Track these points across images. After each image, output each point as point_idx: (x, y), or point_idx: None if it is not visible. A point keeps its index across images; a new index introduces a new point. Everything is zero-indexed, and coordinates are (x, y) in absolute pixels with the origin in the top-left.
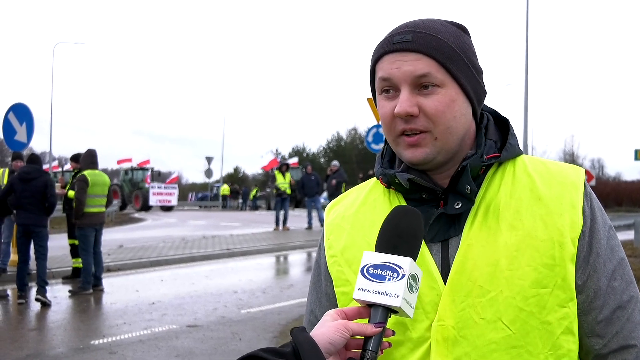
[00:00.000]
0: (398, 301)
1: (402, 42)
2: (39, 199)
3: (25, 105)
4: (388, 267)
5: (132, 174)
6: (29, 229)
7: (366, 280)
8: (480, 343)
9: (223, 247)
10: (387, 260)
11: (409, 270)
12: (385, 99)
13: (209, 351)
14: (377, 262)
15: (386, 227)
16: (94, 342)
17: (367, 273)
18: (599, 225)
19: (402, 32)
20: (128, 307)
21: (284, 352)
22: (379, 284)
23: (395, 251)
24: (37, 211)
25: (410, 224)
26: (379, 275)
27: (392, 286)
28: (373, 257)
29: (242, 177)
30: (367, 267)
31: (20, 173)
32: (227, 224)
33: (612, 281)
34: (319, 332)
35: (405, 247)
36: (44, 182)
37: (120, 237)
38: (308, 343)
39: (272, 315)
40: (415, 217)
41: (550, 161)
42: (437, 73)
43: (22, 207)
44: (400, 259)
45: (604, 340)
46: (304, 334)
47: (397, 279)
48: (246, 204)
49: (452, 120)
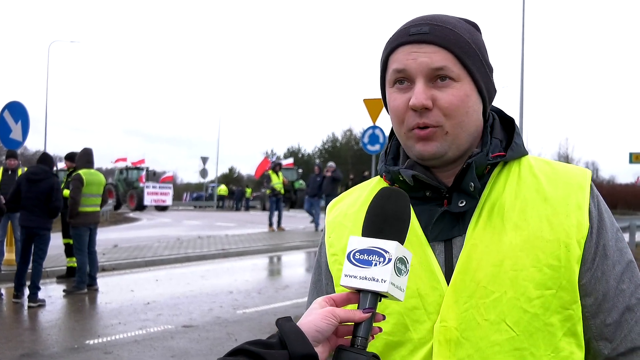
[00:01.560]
0: (385, 286)
1: (420, 33)
2: (43, 201)
3: (21, 103)
4: (374, 252)
5: (127, 173)
6: (32, 232)
7: (352, 266)
8: (484, 345)
9: (218, 247)
10: (372, 244)
11: (395, 253)
12: (398, 91)
13: (204, 351)
14: (363, 247)
15: (371, 211)
16: (88, 342)
17: (353, 259)
18: (606, 226)
19: (419, 24)
20: (123, 307)
21: (270, 343)
22: (365, 269)
23: (381, 235)
24: (40, 213)
25: (396, 206)
26: (366, 260)
27: (378, 271)
28: (359, 242)
29: (237, 177)
30: (353, 253)
31: (28, 173)
32: (222, 224)
33: (621, 284)
34: (305, 321)
35: (391, 231)
36: (51, 184)
37: (115, 236)
38: (294, 332)
39: (268, 316)
40: (400, 199)
41: (556, 162)
42: (453, 67)
43: (26, 208)
44: (386, 243)
45: (612, 344)
46: (289, 323)
47: (384, 263)
48: (240, 204)
49: (465, 115)
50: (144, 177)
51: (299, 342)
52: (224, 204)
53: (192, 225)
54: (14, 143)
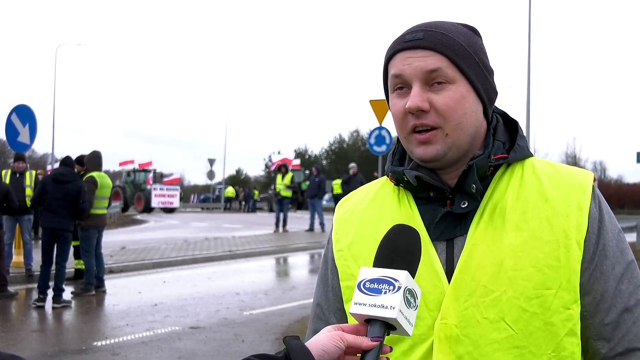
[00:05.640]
0: (394, 313)
1: (414, 40)
2: (70, 203)
3: (28, 106)
4: (384, 281)
5: (134, 175)
6: (57, 233)
7: (362, 294)
8: (483, 342)
9: (225, 248)
10: (383, 274)
11: (405, 283)
12: (397, 97)
13: (212, 353)
14: (373, 277)
15: (383, 243)
16: (96, 343)
17: (363, 288)
18: (607, 227)
19: (414, 31)
20: (130, 309)
21: (276, 358)
22: (375, 297)
23: (392, 266)
24: (66, 214)
25: (407, 241)
26: (375, 289)
27: (387, 299)
28: (369, 272)
29: (244, 178)
30: (363, 282)
31: (55, 174)
32: (229, 226)
33: (620, 284)
34: (313, 341)
35: (402, 262)
36: (79, 186)
37: (122, 238)
38: (300, 349)
39: (275, 317)
40: (412, 235)
41: (559, 164)
42: (447, 69)
43: (51, 209)
44: (396, 272)
45: (610, 344)
46: (296, 341)
47: (393, 291)
48: (248, 206)
49: (463, 116)
50: (152, 179)
51: (304, 359)
52: (231, 206)
53: (199, 227)
54: (22, 146)
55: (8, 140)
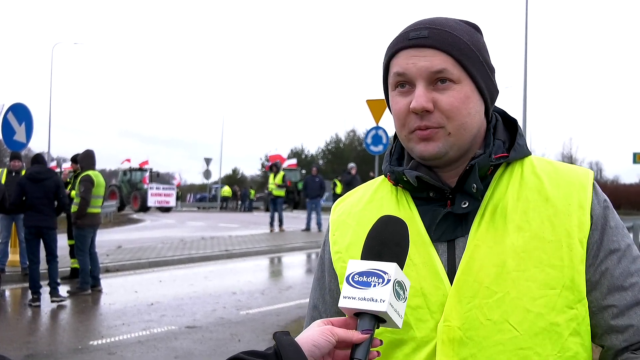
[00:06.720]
0: (384, 306)
1: (419, 37)
2: (50, 199)
3: (25, 105)
4: (373, 274)
5: (130, 174)
6: (41, 231)
7: (351, 287)
8: (487, 344)
9: (222, 248)
10: (371, 267)
11: (394, 275)
12: (400, 95)
13: (208, 352)
14: (362, 270)
15: (370, 236)
16: (92, 342)
17: (352, 281)
18: (610, 223)
19: (418, 29)
20: (127, 308)
21: (266, 354)
22: (364, 291)
23: (380, 258)
24: (49, 212)
25: (394, 232)
26: (364, 282)
27: (377, 291)
28: (358, 265)
29: (240, 178)
30: (352, 275)
31: (30, 173)
32: (225, 225)
33: (629, 278)
34: (303, 336)
35: (390, 255)
36: (56, 182)
37: (118, 237)
38: (290, 345)
39: (271, 317)
40: (399, 225)
41: (558, 162)
42: (453, 69)
43: (33, 207)
44: (385, 265)
45: (623, 335)
46: (286, 337)
47: (383, 284)
48: (245, 205)
49: (467, 116)
50: (148, 179)
51: (294, 355)
52: (227, 205)
53: (195, 226)
54: (18, 145)
55: (4, 138)
